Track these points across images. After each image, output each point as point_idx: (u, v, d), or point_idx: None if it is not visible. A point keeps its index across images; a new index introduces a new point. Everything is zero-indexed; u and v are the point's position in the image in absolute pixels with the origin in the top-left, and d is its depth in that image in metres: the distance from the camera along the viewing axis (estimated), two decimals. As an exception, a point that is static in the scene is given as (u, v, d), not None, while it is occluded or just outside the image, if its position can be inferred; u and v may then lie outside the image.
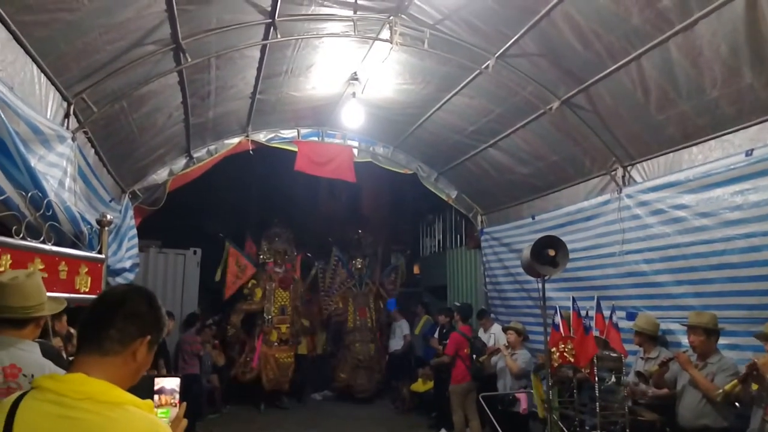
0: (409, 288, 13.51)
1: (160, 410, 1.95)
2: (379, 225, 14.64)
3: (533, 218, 8.26)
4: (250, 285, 11.22)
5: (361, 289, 12.26)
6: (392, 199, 15.22)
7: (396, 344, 11.33)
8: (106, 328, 1.62)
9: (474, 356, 7.87)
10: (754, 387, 4.07)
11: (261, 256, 11.36)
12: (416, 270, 14.44)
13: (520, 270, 7.31)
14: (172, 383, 2.04)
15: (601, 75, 5.52)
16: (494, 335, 8.45)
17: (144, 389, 1.80)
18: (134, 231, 7.19)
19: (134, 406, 1.58)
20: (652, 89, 5.33)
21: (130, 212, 7.24)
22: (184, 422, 1.86)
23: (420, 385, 10.17)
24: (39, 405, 1.54)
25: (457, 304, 9.20)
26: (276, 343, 10.81)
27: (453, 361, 8.04)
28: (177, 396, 2.02)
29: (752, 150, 4.88)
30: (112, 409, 1.53)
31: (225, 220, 13.64)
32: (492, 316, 9.11)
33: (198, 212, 12.64)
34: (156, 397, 1.99)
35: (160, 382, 2.03)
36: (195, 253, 10.93)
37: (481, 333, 8.68)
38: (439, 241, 12.72)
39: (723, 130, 5.21)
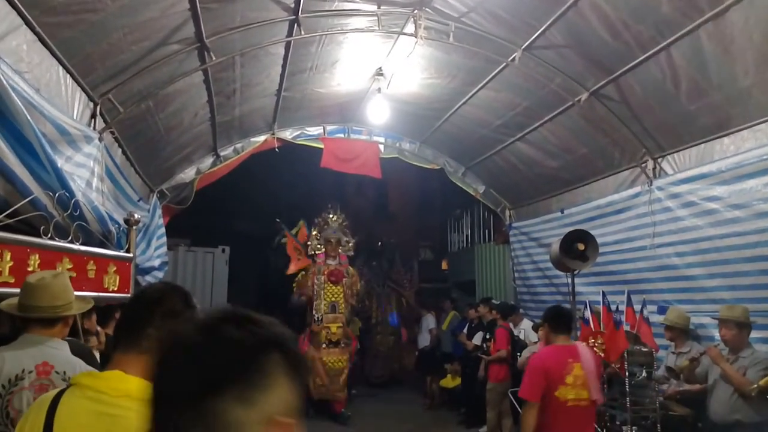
0: (437, 284, 13.49)
1: None
2: (406, 221, 14.65)
3: (562, 212, 8.14)
4: (300, 276, 10.08)
5: (384, 288, 13.26)
6: (419, 195, 15.20)
7: (424, 340, 11.30)
8: (144, 326, 1.64)
9: (518, 354, 7.80)
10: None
11: (310, 245, 10.10)
12: (444, 265, 14.41)
13: (549, 265, 7.24)
14: None
15: (630, 65, 5.41)
16: (524, 331, 8.35)
17: None
18: (162, 230, 7.27)
19: None
20: (682, 79, 5.20)
21: (159, 211, 7.32)
22: None
23: (449, 381, 10.12)
24: (78, 401, 1.57)
25: (496, 302, 9.13)
26: (324, 345, 9.49)
27: (509, 355, 7.95)
28: None
29: (786, 139, 4.74)
30: None
31: (253, 219, 13.81)
32: (521, 311, 9.02)
33: (226, 211, 12.82)
34: None
35: None
36: (224, 251, 11.04)
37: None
38: (467, 237, 12.66)
39: (756, 120, 5.05)
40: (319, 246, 10.02)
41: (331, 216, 10.33)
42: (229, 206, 12.56)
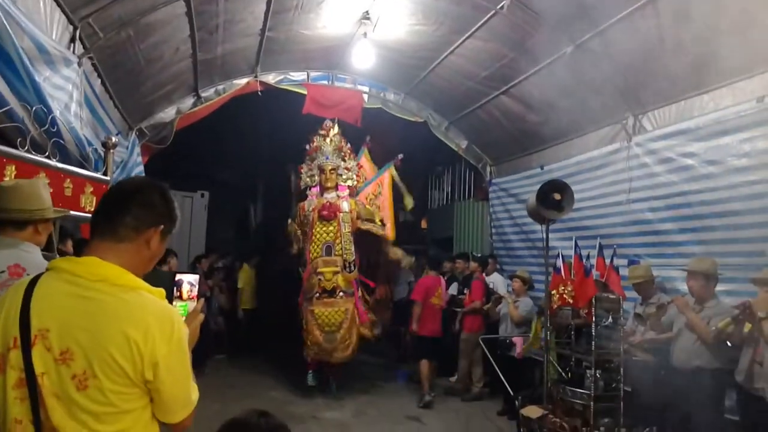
0: (416, 245, 13.49)
1: (178, 303, 2.00)
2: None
3: (542, 168, 8.23)
4: (290, 225, 8.59)
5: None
6: (402, 150, 15.14)
7: (401, 292, 11.42)
8: (121, 215, 1.66)
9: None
10: (747, 327, 4.11)
11: (303, 181, 8.59)
12: (423, 224, 14.46)
13: (527, 220, 7.36)
14: (191, 278, 2.09)
15: (616, 18, 5.40)
16: (494, 283, 8.53)
17: (165, 284, 1.84)
18: (141, 168, 7.22)
19: (147, 292, 1.62)
20: (667, 34, 5.23)
21: (137, 149, 7.26)
22: (201, 316, 1.90)
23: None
24: (56, 284, 1.60)
25: (477, 255, 9.24)
26: (317, 295, 7.82)
27: (483, 305, 8.16)
28: (195, 291, 2.06)
29: (764, 97, 4.83)
30: (126, 292, 1.58)
31: (233, 167, 13.71)
32: (497, 266, 9.17)
33: (206, 157, 12.68)
34: (175, 290, 2.04)
35: (179, 277, 2.08)
36: (203, 196, 11.00)
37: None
38: (447, 194, 12.69)
39: (735, 78, 5.12)
40: (311, 178, 8.49)
41: (324, 135, 8.51)
42: (210, 152, 12.41)
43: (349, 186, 8.43)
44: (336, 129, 8.50)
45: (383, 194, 8.87)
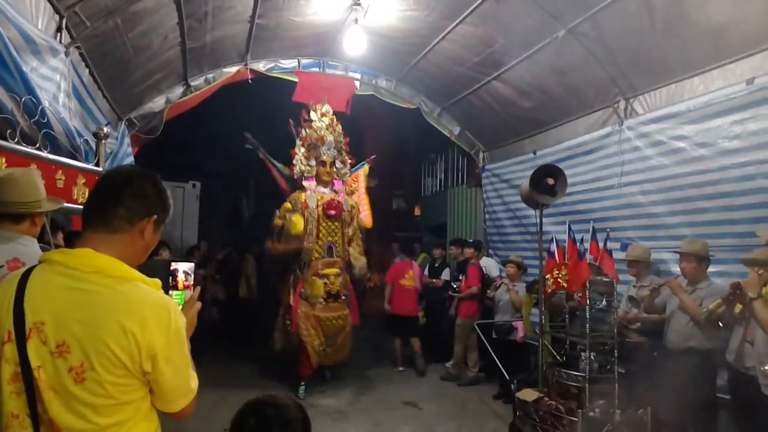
0: (409, 232, 13.50)
1: (174, 293, 1.99)
2: (381, 168, 14.57)
3: (534, 153, 8.23)
4: (282, 213, 7.76)
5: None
6: (394, 140, 15.09)
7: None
8: (113, 206, 1.65)
9: (487, 291, 8.02)
10: (738, 308, 4.15)
11: (296, 167, 7.87)
12: (417, 212, 14.47)
13: (520, 205, 7.38)
14: (186, 267, 2.08)
15: (608, 1, 5.38)
16: (485, 267, 8.58)
17: (161, 273, 1.83)
18: (131, 159, 7.15)
19: (143, 283, 1.61)
20: (658, 16, 5.22)
21: (127, 140, 7.19)
22: (198, 305, 1.90)
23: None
24: (49, 276, 1.59)
25: (470, 240, 9.27)
26: (321, 300, 7.38)
27: (480, 291, 8.23)
28: (192, 279, 2.06)
29: (753, 79, 4.84)
30: (122, 283, 1.58)
31: (224, 157, 13.62)
32: (490, 251, 9.20)
33: (196, 147, 12.61)
34: (170, 280, 2.03)
35: (174, 266, 2.07)
36: (194, 186, 10.93)
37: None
38: (440, 181, 12.70)
39: (726, 59, 5.13)
40: (308, 168, 7.81)
41: (318, 117, 7.92)
42: (201, 142, 12.35)
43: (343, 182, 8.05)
44: (331, 113, 8.09)
45: (358, 188, 8.78)
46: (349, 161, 8.20)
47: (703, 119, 5.29)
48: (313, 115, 7.96)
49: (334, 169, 7.86)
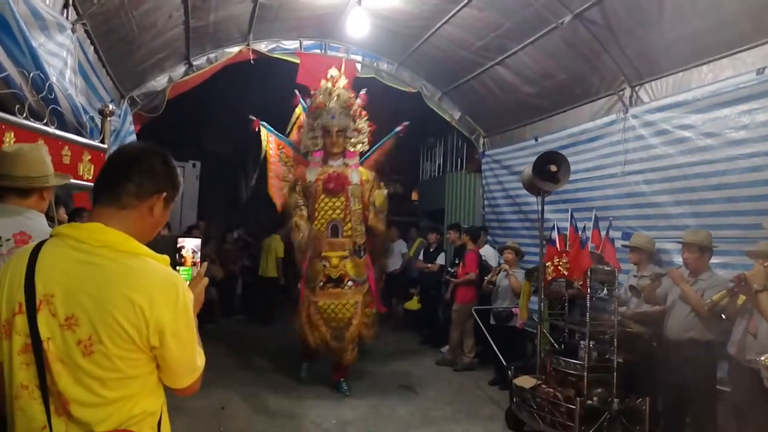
0: (406, 217, 13.48)
1: (181, 269, 2.00)
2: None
3: (536, 140, 8.19)
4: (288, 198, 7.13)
5: None
6: (395, 123, 15.04)
7: (393, 264, 11.47)
8: (123, 181, 1.65)
9: (485, 278, 8.03)
10: (741, 300, 4.16)
11: (303, 144, 7.19)
12: (415, 196, 14.45)
13: (520, 192, 7.37)
14: (193, 243, 2.09)
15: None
16: (485, 255, 8.60)
17: (168, 249, 1.83)
18: (134, 137, 7.11)
19: (152, 259, 1.62)
20: (667, 3, 5.18)
21: (129, 117, 7.16)
22: (205, 280, 1.90)
23: (413, 304, 10.37)
24: (60, 250, 1.60)
25: (466, 226, 9.28)
26: (321, 284, 6.64)
27: (477, 277, 8.20)
28: (198, 256, 2.06)
29: (764, 68, 4.79)
30: (131, 258, 1.58)
31: (225, 138, 13.58)
32: (489, 238, 9.21)
33: (198, 127, 12.55)
34: (177, 256, 2.04)
35: (182, 242, 2.07)
36: (194, 165, 10.93)
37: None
38: (439, 165, 12.67)
39: (736, 48, 5.09)
40: (314, 141, 7.01)
41: (328, 87, 7.05)
42: (202, 122, 12.29)
43: (361, 153, 7.14)
44: (344, 80, 7.22)
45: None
46: (368, 128, 7.20)
47: (710, 108, 5.25)
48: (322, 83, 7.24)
49: (342, 139, 6.90)
